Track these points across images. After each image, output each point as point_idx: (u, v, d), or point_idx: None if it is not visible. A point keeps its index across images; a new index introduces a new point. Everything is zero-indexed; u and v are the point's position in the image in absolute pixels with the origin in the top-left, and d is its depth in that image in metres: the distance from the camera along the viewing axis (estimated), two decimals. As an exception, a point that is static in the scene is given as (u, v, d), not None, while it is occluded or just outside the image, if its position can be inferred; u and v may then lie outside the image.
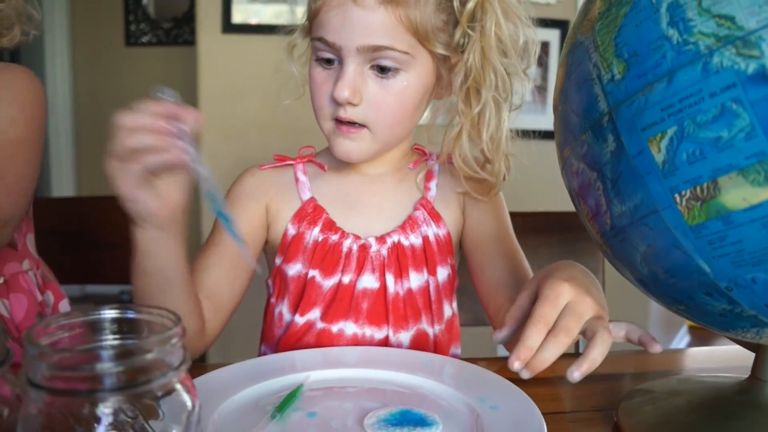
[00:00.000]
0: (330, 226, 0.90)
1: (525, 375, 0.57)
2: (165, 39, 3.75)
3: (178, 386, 0.42)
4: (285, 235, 0.91)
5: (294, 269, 0.90)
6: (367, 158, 0.87)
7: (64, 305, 1.13)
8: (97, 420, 0.39)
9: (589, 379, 0.81)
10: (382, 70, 0.80)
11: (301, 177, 0.93)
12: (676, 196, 0.48)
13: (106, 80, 3.76)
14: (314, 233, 0.89)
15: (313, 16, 0.81)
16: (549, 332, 0.58)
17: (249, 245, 0.90)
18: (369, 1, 0.77)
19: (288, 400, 0.68)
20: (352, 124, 0.82)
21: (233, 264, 0.88)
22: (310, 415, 0.67)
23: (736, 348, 0.82)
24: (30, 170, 1.02)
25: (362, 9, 0.77)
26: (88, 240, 1.38)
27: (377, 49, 0.78)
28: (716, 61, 0.44)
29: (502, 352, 0.90)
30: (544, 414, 0.65)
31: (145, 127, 0.61)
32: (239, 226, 0.86)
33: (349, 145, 0.85)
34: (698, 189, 0.46)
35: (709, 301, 0.52)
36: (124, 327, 0.45)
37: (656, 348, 0.61)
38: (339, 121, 0.83)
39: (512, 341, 0.63)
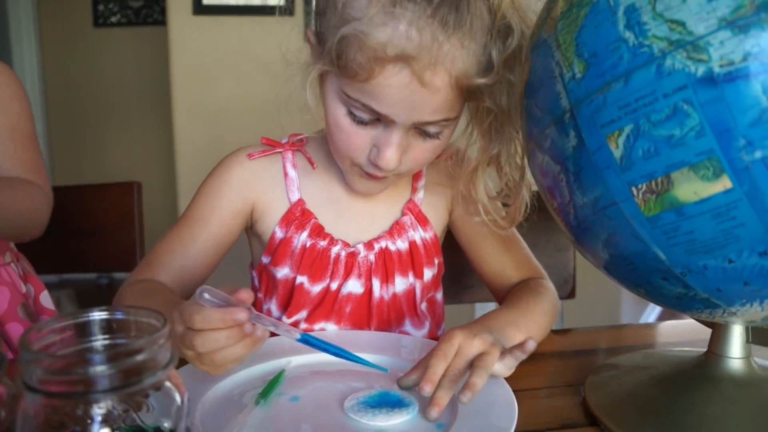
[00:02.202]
0: (318, 231, 0.89)
1: (434, 414, 0.64)
2: (134, 19, 3.70)
3: (167, 384, 0.44)
4: (273, 237, 0.90)
5: (281, 273, 0.90)
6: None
7: (45, 297, 1.14)
8: (92, 418, 0.41)
9: (561, 355, 0.86)
10: (426, 133, 0.78)
11: (291, 171, 0.91)
12: (633, 189, 0.51)
13: (75, 63, 3.70)
14: (302, 238, 0.89)
15: (360, 77, 0.71)
16: (444, 374, 0.67)
17: (222, 237, 0.89)
18: (438, 82, 0.71)
19: (271, 385, 0.71)
20: None
21: (212, 243, 0.88)
22: (293, 400, 0.70)
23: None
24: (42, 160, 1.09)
25: (428, 89, 0.71)
26: (63, 229, 1.38)
27: (433, 122, 0.76)
28: (669, 64, 0.46)
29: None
30: (517, 391, 0.69)
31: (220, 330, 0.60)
32: (217, 215, 0.88)
33: (373, 186, 0.85)
34: (653, 183, 0.49)
35: (665, 286, 0.55)
36: (113, 327, 0.47)
37: (530, 344, 0.69)
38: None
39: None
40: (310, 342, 0.67)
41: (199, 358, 0.61)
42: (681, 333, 0.94)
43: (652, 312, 3.29)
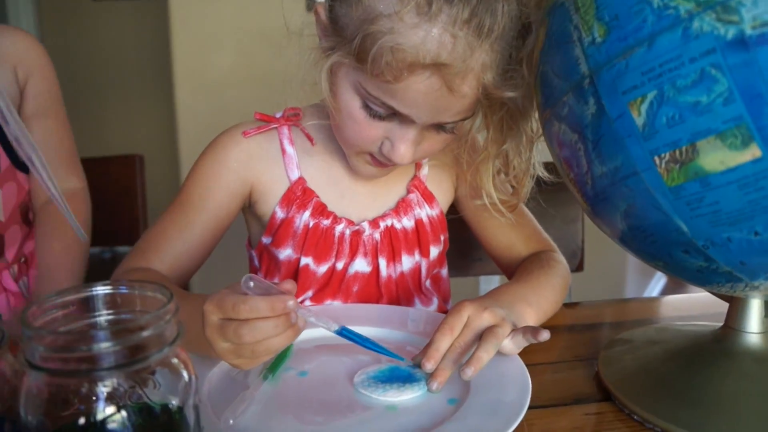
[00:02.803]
0: (321, 210, 0.86)
1: (434, 387, 0.64)
2: (134, -9, 3.63)
3: (174, 360, 0.42)
4: (273, 217, 0.87)
5: (284, 254, 0.87)
6: None
7: None
8: (97, 396, 0.39)
9: (572, 329, 0.85)
10: (443, 128, 0.75)
11: (288, 148, 0.87)
12: (656, 158, 0.49)
13: (74, 37, 3.64)
14: (304, 218, 0.85)
15: (385, 78, 0.67)
16: (450, 347, 0.66)
17: (220, 221, 0.86)
18: (466, 89, 0.68)
19: (279, 360, 0.70)
20: None
21: (210, 227, 0.85)
22: (302, 374, 0.68)
23: (711, 295, 0.85)
24: None
25: (456, 96, 0.68)
26: (67, 203, 1.36)
27: (452, 122, 0.74)
28: (696, 26, 0.44)
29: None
30: (528, 365, 0.68)
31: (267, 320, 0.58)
32: (214, 198, 0.85)
33: (377, 172, 0.83)
34: (677, 152, 0.47)
35: (686, 259, 0.54)
36: (117, 302, 0.45)
37: (544, 335, 0.66)
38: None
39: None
40: (348, 336, 0.65)
41: (237, 350, 0.59)
42: (690, 307, 0.93)
43: (656, 285, 3.29)
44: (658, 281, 3.39)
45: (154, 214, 1.36)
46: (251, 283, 0.60)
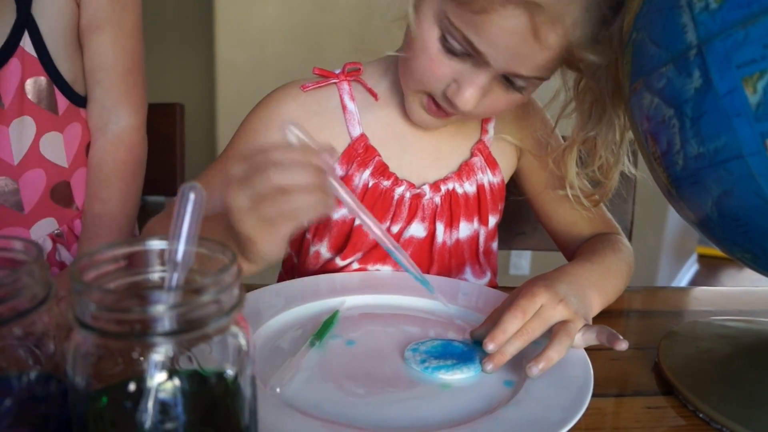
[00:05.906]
0: (382, 170, 0.82)
1: (489, 368, 0.60)
2: (176, -64, 3.57)
3: (234, 328, 0.39)
4: None
5: (339, 213, 0.83)
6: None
7: None
8: (148, 361, 0.36)
9: (628, 315, 0.80)
10: (512, 84, 0.71)
11: (349, 104, 0.84)
12: (768, 141, 0.44)
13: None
14: (364, 176, 0.82)
15: (475, 7, 0.64)
16: (517, 332, 0.61)
17: None
18: (552, 41, 0.65)
19: (326, 327, 0.67)
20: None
21: None
22: (349, 343, 0.66)
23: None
24: None
25: (539, 45, 0.65)
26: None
27: (525, 77, 0.70)
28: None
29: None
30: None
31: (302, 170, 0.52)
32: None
33: (432, 121, 0.79)
34: (795, 136, 0.43)
35: (783, 253, 0.49)
36: (172, 258, 0.42)
37: (622, 345, 0.62)
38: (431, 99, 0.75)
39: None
40: (392, 253, 0.62)
41: (259, 208, 0.51)
42: (754, 300, 0.88)
43: (687, 272, 3.22)
44: (691, 267, 3.33)
45: (190, 164, 1.33)
46: (292, 128, 0.54)
